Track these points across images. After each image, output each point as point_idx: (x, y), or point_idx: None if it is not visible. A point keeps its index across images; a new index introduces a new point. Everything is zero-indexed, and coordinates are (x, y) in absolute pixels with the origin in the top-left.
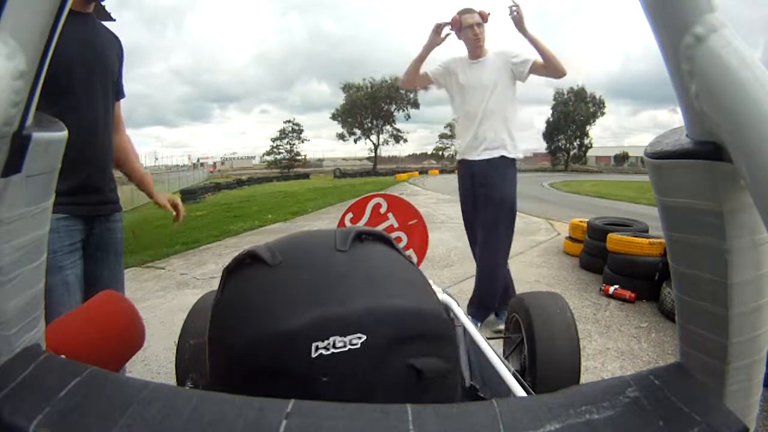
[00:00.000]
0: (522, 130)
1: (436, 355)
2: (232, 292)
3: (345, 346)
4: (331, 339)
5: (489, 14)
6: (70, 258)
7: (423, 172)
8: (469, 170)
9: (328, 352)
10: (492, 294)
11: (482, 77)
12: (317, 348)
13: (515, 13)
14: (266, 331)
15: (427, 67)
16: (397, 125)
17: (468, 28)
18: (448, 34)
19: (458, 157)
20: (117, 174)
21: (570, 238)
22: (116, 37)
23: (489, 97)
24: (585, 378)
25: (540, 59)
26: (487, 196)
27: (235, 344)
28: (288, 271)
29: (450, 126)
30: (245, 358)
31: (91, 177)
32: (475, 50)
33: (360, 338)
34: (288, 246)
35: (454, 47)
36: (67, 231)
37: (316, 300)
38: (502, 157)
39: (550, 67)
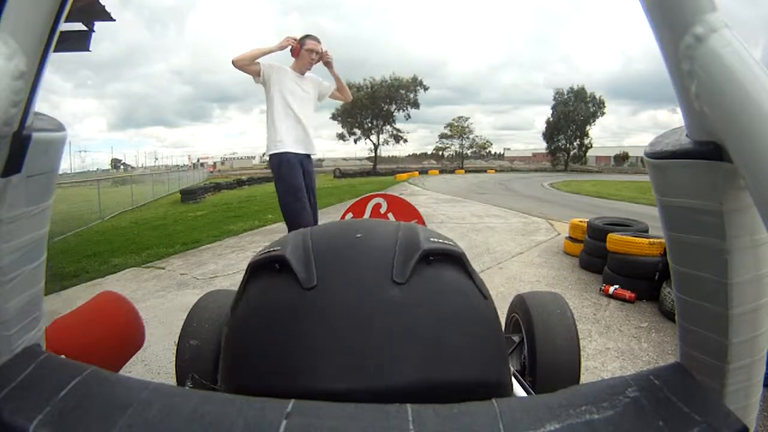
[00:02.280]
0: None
1: None
2: (253, 306)
3: None
4: None
5: (329, 58)
6: None
7: (423, 172)
8: (299, 161)
9: None
10: None
11: (308, 90)
12: None
13: (328, 60)
14: (287, 384)
15: (262, 59)
16: (397, 125)
17: (309, 51)
18: (286, 47)
19: (282, 149)
20: (117, 174)
21: (570, 238)
22: None
23: (310, 106)
24: (585, 378)
25: (335, 89)
26: (312, 188)
27: (251, 385)
28: (322, 303)
29: (450, 126)
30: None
31: None
32: (303, 69)
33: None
34: (331, 258)
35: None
36: None
37: (355, 363)
38: (311, 156)
39: (344, 94)
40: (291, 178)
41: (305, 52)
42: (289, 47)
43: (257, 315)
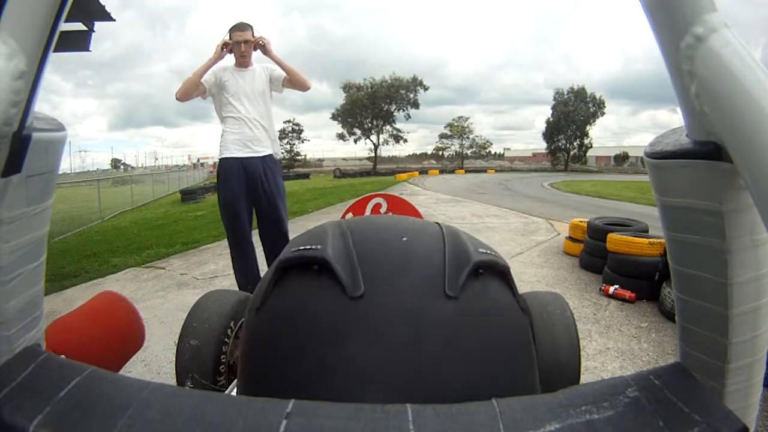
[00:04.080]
0: (276, 136)
1: None
2: (288, 307)
3: None
4: None
5: (263, 41)
6: None
7: (423, 172)
8: (242, 166)
9: None
10: None
11: (254, 83)
12: None
13: (262, 44)
14: (330, 400)
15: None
16: (397, 125)
17: (236, 44)
18: (222, 53)
19: (223, 155)
20: (117, 174)
21: (570, 238)
22: None
23: (260, 100)
24: (585, 378)
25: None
26: (265, 189)
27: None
28: (371, 314)
29: (450, 126)
30: None
31: None
32: (241, 62)
33: None
34: (378, 264)
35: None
36: None
37: (406, 383)
38: (270, 155)
39: (294, 81)
40: (224, 188)
41: (234, 46)
42: (220, 46)
43: (293, 321)
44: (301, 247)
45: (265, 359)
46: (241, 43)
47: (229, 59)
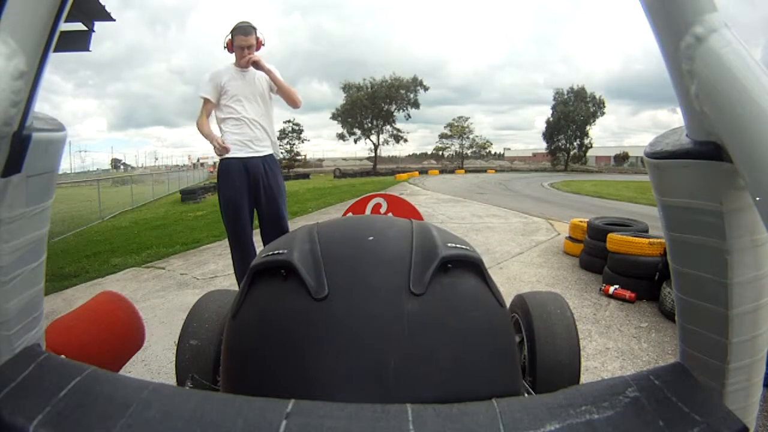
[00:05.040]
0: (275, 137)
1: None
2: (258, 313)
3: None
4: None
5: (254, 59)
6: None
7: (423, 172)
8: (243, 166)
9: None
10: None
11: (255, 83)
12: None
13: (254, 63)
14: (297, 398)
15: (203, 92)
16: (397, 125)
17: (239, 48)
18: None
19: (228, 155)
20: (117, 174)
21: (570, 238)
22: None
23: (260, 101)
24: (585, 378)
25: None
26: (267, 188)
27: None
28: (335, 315)
29: (450, 126)
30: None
31: None
32: (243, 65)
33: None
34: (343, 266)
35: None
36: None
37: (368, 382)
38: (271, 155)
39: (285, 98)
40: (226, 188)
41: (236, 49)
42: (224, 44)
43: (262, 326)
44: (270, 253)
45: (242, 361)
46: (243, 48)
47: (229, 58)
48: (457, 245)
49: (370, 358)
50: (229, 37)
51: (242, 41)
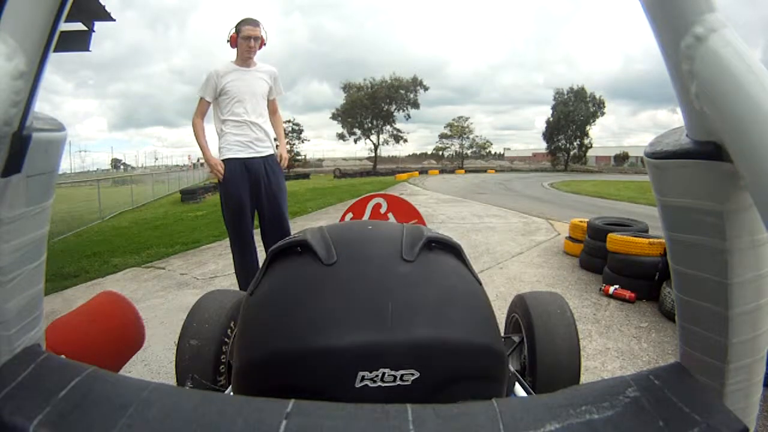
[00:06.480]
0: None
1: (488, 394)
2: (275, 283)
3: (394, 381)
4: (381, 371)
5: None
6: None
7: (423, 172)
8: (244, 166)
9: (375, 385)
10: None
11: (256, 82)
12: (363, 378)
13: (283, 162)
14: (308, 344)
15: (201, 92)
16: (397, 125)
17: (245, 39)
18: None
19: (224, 156)
20: (117, 174)
21: (570, 238)
22: None
23: (261, 101)
24: (585, 378)
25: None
26: (268, 188)
27: (269, 350)
28: (343, 275)
29: (450, 126)
30: (280, 367)
31: None
32: (246, 59)
33: (413, 375)
34: (347, 242)
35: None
36: None
37: (371, 321)
38: (272, 155)
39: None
40: (227, 189)
41: (242, 40)
42: (227, 38)
43: (279, 289)
44: (287, 240)
45: (260, 320)
46: (251, 38)
47: (230, 56)
48: (440, 234)
49: (371, 303)
50: (233, 31)
51: (250, 31)
